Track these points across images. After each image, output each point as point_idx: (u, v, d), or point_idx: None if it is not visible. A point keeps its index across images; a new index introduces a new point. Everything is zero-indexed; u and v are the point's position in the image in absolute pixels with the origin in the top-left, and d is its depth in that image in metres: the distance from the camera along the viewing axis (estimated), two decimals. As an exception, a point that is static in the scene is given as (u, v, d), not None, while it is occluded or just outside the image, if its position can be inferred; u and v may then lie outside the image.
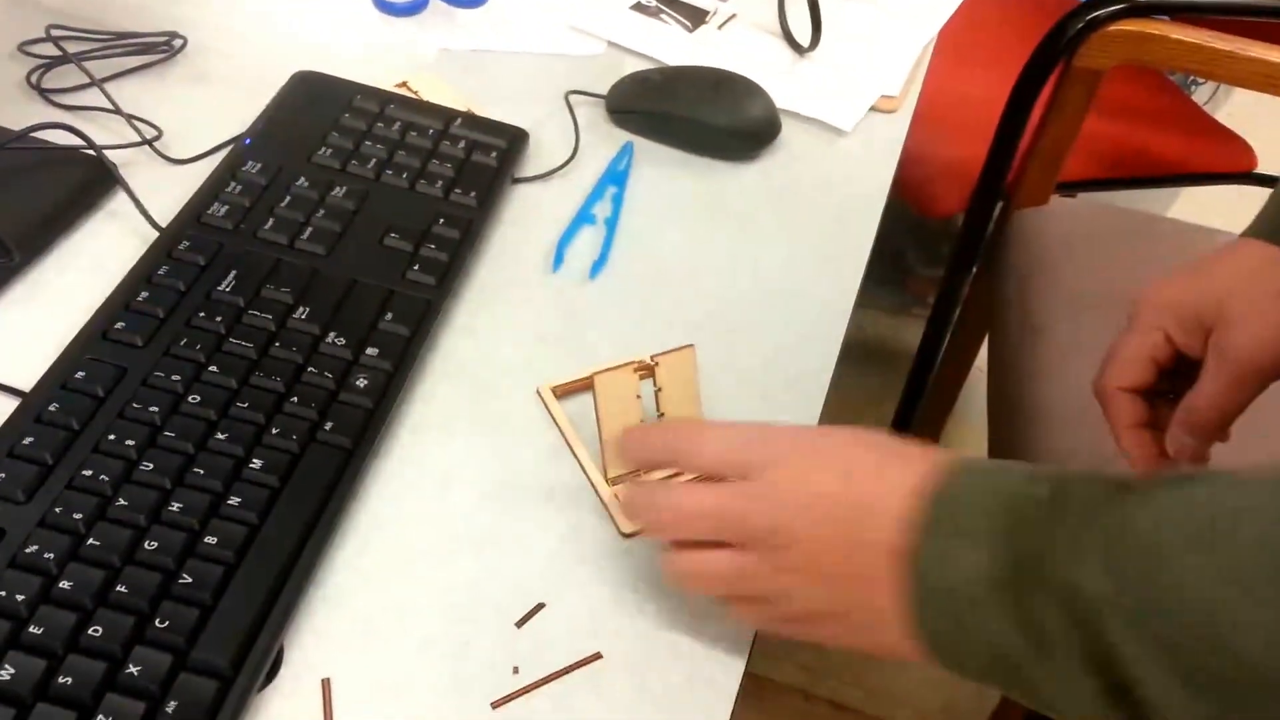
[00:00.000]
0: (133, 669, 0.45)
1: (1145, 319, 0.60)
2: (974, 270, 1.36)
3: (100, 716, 0.44)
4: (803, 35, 0.89)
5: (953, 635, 0.44)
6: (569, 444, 0.59)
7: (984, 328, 1.39)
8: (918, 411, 1.56)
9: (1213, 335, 0.58)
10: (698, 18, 0.92)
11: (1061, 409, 0.99)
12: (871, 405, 1.76)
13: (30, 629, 0.46)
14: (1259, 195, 1.56)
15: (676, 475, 0.56)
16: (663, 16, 0.92)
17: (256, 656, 0.47)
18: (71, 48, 0.78)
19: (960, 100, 1.43)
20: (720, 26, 0.91)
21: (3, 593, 0.47)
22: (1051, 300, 1.11)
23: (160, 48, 0.81)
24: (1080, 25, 1.13)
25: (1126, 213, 1.27)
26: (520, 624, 0.52)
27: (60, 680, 0.45)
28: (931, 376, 1.52)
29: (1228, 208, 2.14)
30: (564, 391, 0.61)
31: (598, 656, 0.51)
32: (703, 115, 0.78)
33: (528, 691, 0.49)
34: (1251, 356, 0.56)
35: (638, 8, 0.92)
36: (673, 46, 0.88)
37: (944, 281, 1.47)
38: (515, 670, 0.50)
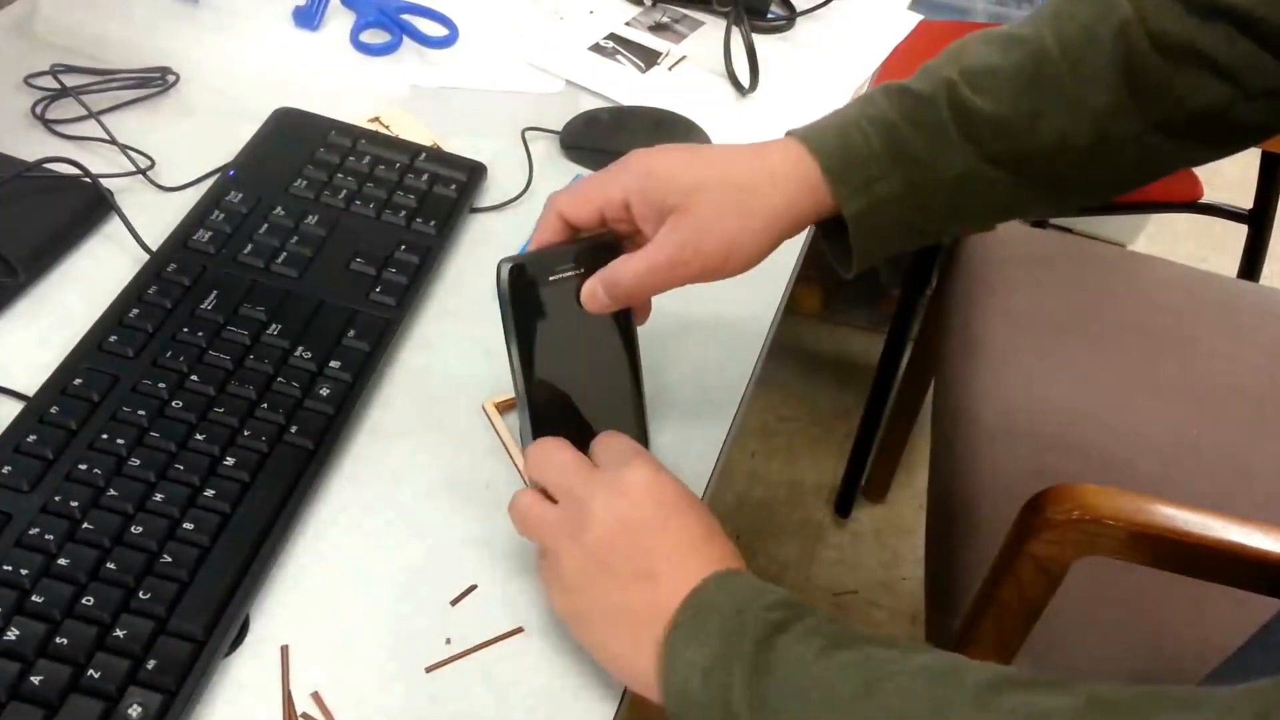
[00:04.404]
0: (120, 633, 0.53)
1: (623, 175, 0.61)
2: (930, 291, 1.44)
3: (91, 672, 0.52)
4: (745, 77, 0.98)
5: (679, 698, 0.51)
6: (507, 450, 0.67)
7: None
8: (882, 423, 1.64)
9: (674, 215, 0.59)
10: (650, 59, 1.00)
11: (994, 419, 1.07)
12: (842, 418, 1.84)
13: (33, 598, 0.54)
14: (1214, 228, 1.64)
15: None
16: (618, 58, 1.00)
17: (226, 625, 0.55)
18: (72, 81, 0.86)
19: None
20: (671, 68, 0.99)
21: (9, 568, 0.55)
22: (990, 318, 1.19)
23: (154, 82, 0.88)
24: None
25: (1065, 239, 1.35)
26: (454, 602, 0.60)
27: (58, 641, 0.53)
28: (893, 390, 1.60)
29: (1192, 238, 2.22)
30: (505, 406, 0.69)
31: (520, 630, 0.59)
32: (645, 153, 0.86)
33: (458, 659, 0.57)
34: (707, 255, 0.60)
35: (595, 49, 1.00)
36: (626, 86, 0.96)
37: (900, 301, 1.55)
38: (448, 641, 0.58)
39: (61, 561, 0.55)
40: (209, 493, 0.60)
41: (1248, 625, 0.71)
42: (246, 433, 0.63)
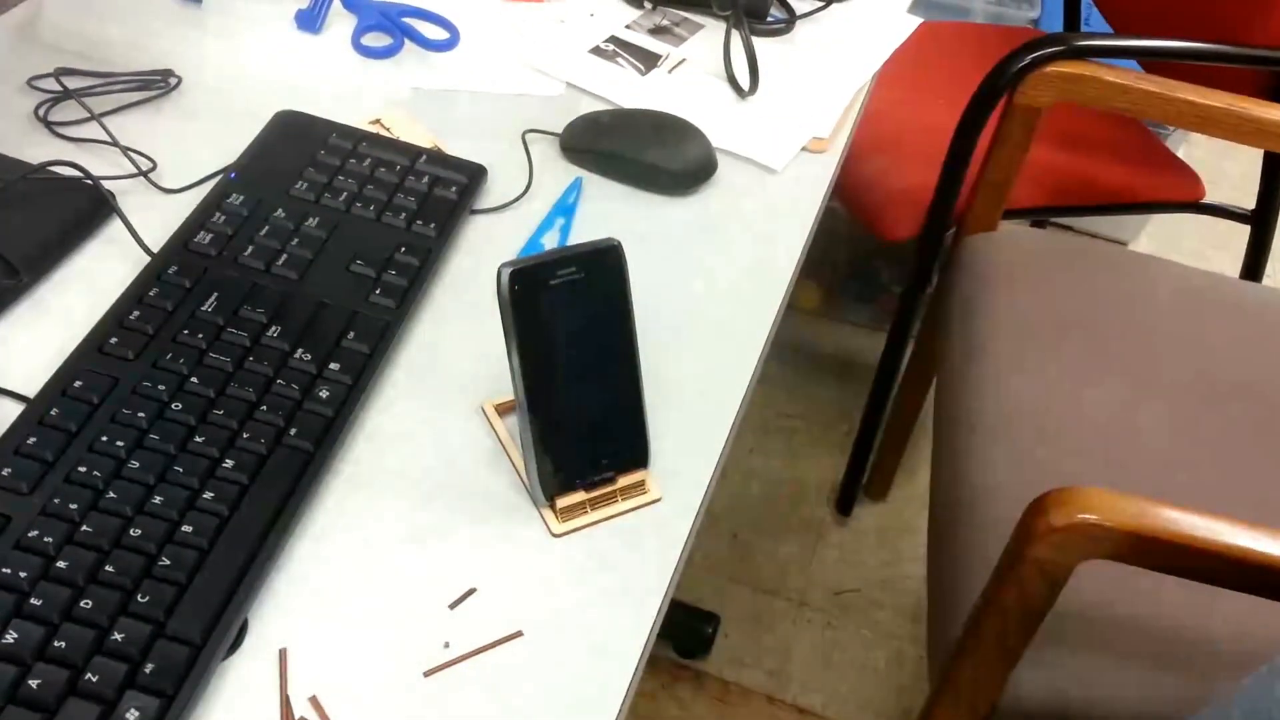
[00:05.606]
0: (117, 636, 0.53)
1: None
2: (930, 291, 1.44)
3: (88, 675, 0.52)
4: (745, 80, 0.98)
5: None
6: (507, 453, 0.67)
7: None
8: (883, 421, 1.64)
9: None
10: (650, 62, 1.00)
11: (996, 418, 1.07)
12: (844, 416, 1.84)
13: (31, 601, 0.54)
14: (1218, 225, 1.64)
15: (608, 494, 0.64)
16: (618, 60, 1.00)
17: (224, 628, 0.55)
18: (75, 84, 0.86)
19: (916, 130, 1.51)
20: (671, 71, 0.99)
21: (7, 571, 0.55)
22: (991, 320, 1.19)
23: (156, 85, 0.89)
24: (1020, 65, 1.21)
25: (1067, 238, 1.35)
26: (453, 606, 0.60)
27: (56, 644, 0.53)
28: (893, 389, 1.60)
29: (1194, 236, 2.22)
30: (504, 408, 0.69)
31: (519, 634, 0.59)
32: (645, 155, 0.86)
33: (456, 663, 0.57)
34: None
35: (596, 51, 1.00)
36: (626, 88, 0.96)
37: (900, 302, 1.55)
38: (446, 645, 0.58)
39: (60, 564, 0.56)
40: (208, 495, 0.60)
41: (1258, 630, 0.70)
42: (246, 435, 0.63)
